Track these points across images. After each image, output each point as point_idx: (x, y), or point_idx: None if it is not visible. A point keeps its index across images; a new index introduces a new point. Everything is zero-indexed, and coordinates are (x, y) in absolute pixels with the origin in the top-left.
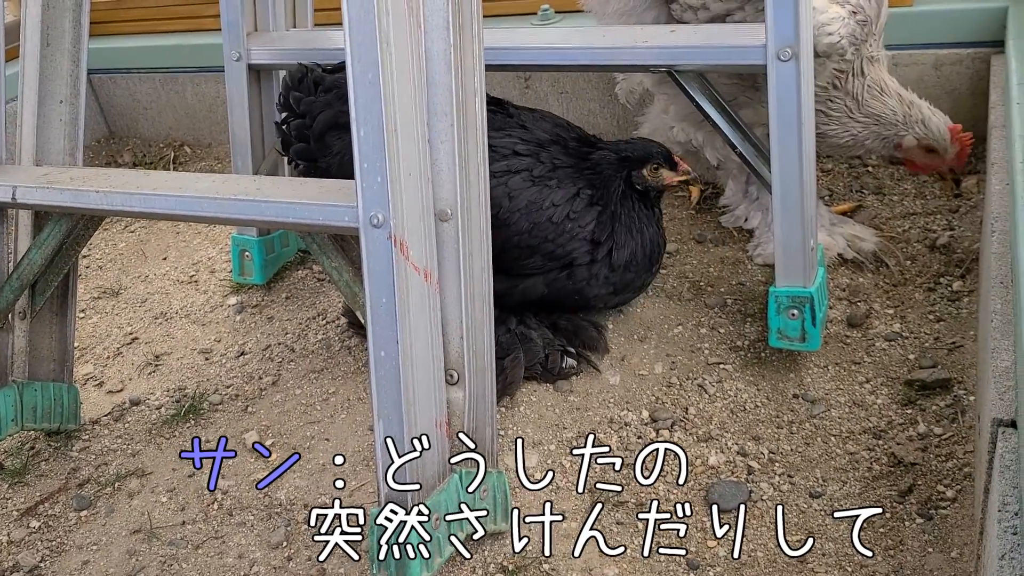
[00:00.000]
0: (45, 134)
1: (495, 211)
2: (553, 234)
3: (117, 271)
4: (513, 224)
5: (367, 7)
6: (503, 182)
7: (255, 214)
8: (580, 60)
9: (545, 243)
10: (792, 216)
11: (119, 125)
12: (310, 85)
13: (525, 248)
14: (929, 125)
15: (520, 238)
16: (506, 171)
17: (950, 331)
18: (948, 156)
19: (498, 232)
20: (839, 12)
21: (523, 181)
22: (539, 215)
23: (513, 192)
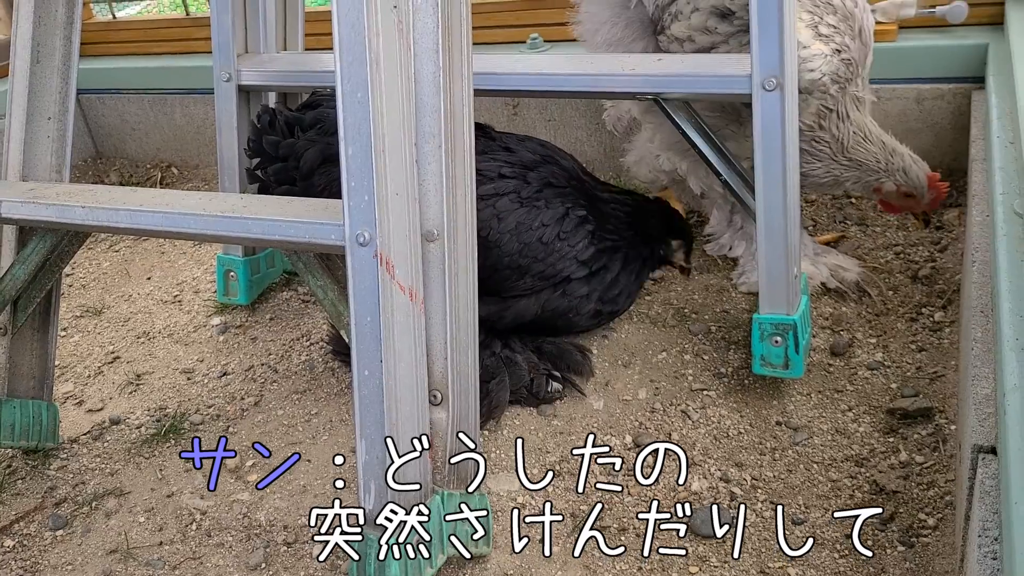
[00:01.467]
0: (32, 150)
1: (484, 233)
2: (543, 254)
3: (100, 290)
4: (503, 245)
5: (358, 28)
6: (491, 204)
7: (241, 231)
8: (567, 86)
9: (535, 263)
10: (776, 244)
11: (107, 145)
12: (283, 127)
13: (516, 269)
14: (909, 174)
15: (510, 259)
16: (494, 193)
17: (932, 361)
18: (924, 201)
19: (487, 253)
20: (822, 49)
21: (511, 202)
22: (529, 235)
23: (501, 213)
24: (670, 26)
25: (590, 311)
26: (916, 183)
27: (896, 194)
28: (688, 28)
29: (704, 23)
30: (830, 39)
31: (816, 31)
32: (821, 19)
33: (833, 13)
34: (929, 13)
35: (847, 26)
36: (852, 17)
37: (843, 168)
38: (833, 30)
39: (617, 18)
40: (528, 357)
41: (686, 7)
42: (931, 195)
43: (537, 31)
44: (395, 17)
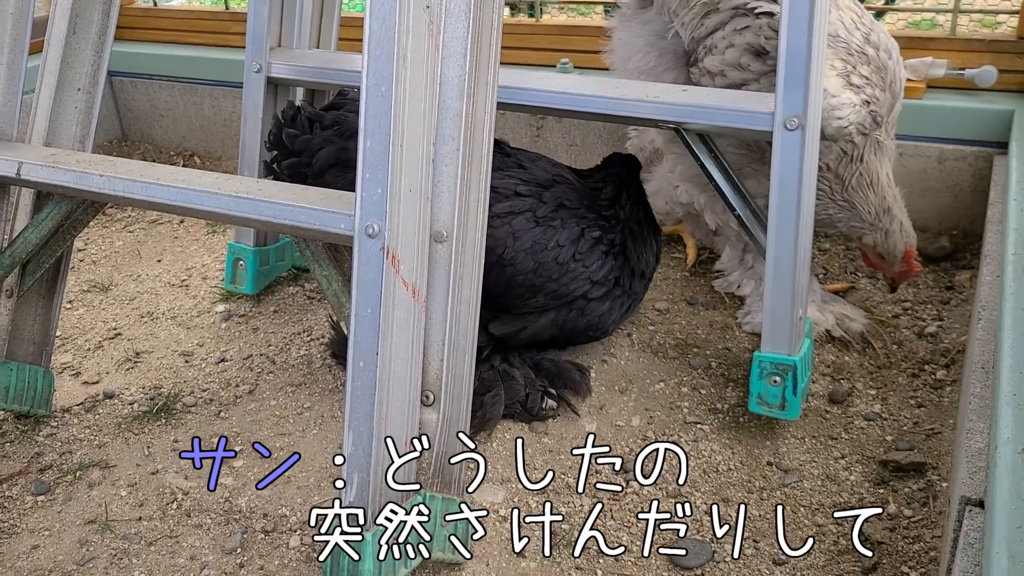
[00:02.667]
0: (58, 119)
1: (500, 251)
2: (557, 274)
3: (110, 268)
4: (518, 264)
5: (389, 24)
6: (507, 222)
7: (253, 213)
8: (591, 107)
9: (549, 282)
10: (783, 283)
11: (133, 129)
12: (304, 123)
13: (529, 287)
14: (889, 239)
15: (524, 277)
16: (509, 211)
17: (930, 417)
18: (894, 268)
19: (502, 271)
20: (852, 99)
21: (527, 221)
22: (544, 255)
23: (517, 232)
24: (703, 59)
25: (615, 322)
26: (891, 250)
27: (872, 250)
28: (721, 63)
29: (738, 59)
30: (861, 90)
31: (848, 80)
32: (854, 69)
33: (867, 64)
34: (958, 75)
35: (879, 78)
36: (885, 69)
37: (838, 208)
38: (864, 81)
39: (650, 47)
40: (526, 373)
41: (721, 42)
42: (901, 267)
43: (568, 56)
44: (427, 17)
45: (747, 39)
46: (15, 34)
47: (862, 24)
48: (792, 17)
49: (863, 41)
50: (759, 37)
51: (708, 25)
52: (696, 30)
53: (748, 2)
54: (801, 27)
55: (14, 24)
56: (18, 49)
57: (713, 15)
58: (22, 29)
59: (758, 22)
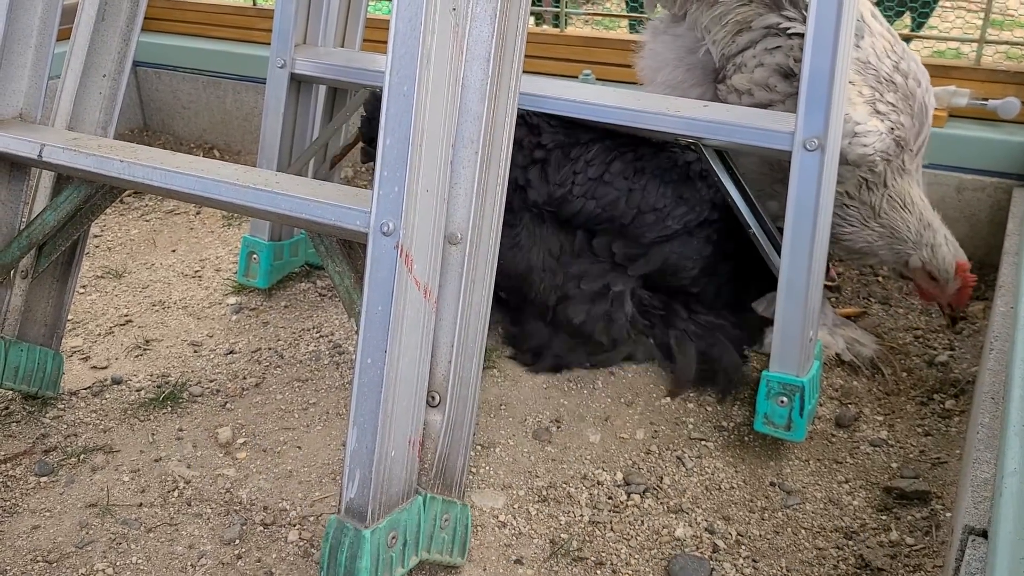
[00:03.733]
0: (82, 103)
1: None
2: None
3: (125, 255)
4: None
5: (414, 24)
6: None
7: (270, 205)
8: (611, 118)
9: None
10: (795, 304)
11: (155, 120)
12: None
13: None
14: (937, 253)
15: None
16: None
17: (936, 446)
18: (948, 289)
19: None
20: (877, 126)
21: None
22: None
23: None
24: (732, 76)
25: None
26: (941, 265)
27: (922, 273)
28: (749, 81)
29: (766, 79)
30: (886, 116)
31: (874, 107)
32: (881, 96)
33: (894, 91)
34: (981, 105)
35: (906, 104)
36: (912, 96)
37: (876, 234)
38: (891, 108)
39: (680, 61)
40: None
41: (751, 60)
42: (956, 283)
43: (590, 68)
44: (452, 20)
45: (777, 59)
46: (44, 18)
47: (893, 52)
48: (816, 39)
49: (892, 69)
50: (789, 58)
51: (739, 43)
52: (727, 47)
53: (781, 22)
54: (826, 49)
55: (44, 8)
56: (47, 33)
57: (745, 33)
58: (51, 13)
59: (790, 43)
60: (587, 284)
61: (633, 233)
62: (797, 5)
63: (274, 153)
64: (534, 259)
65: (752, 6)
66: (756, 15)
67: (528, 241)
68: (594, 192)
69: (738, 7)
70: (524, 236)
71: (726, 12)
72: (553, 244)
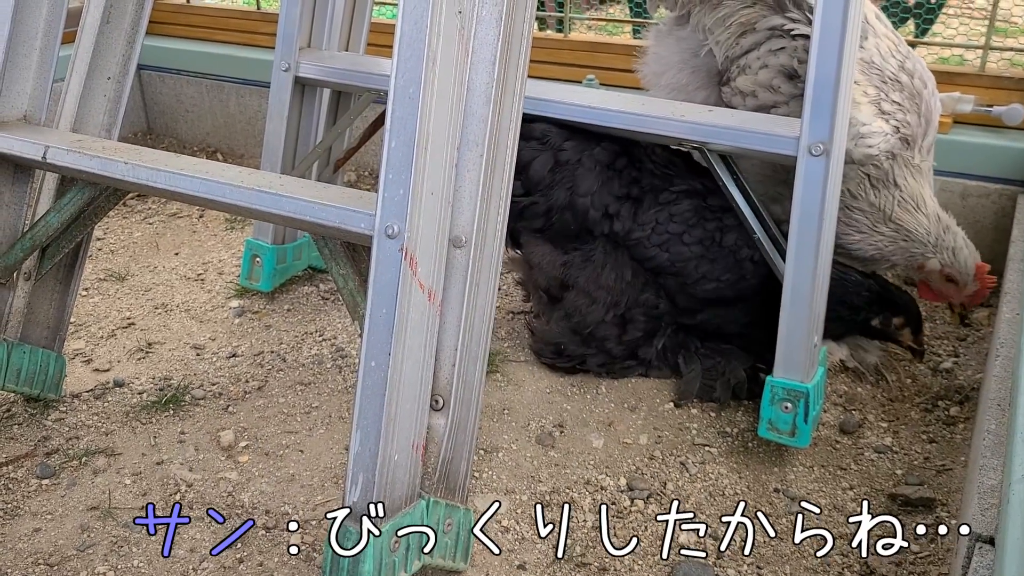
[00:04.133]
0: (87, 106)
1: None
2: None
3: (128, 258)
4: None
5: (420, 26)
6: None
7: (274, 207)
8: (616, 123)
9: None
10: (800, 309)
11: (159, 123)
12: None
13: None
14: (958, 256)
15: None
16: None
17: (941, 453)
18: (967, 291)
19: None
20: (883, 127)
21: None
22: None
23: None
24: (736, 78)
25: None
26: (963, 267)
27: (938, 276)
28: (753, 83)
29: (770, 80)
30: (891, 116)
31: (879, 107)
32: (886, 96)
33: (900, 90)
34: (985, 111)
35: (912, 104)
36: (919, 96)
37: (887, 239)
38: (896, 107)
39: (684, 64)
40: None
41: (755, 62)
42: (975, 286)
43: (594, 73)
44: (458, 23)
45: (781, 60)
46: (49, 20)
47: (898, 52)
48: (822, 44)
49: (898, 68)
50: (793, 59)
51: (743, 45)
52: (731, 49)
53: (785, 23)
54: (831, 54)
55: (49, 10)
56: (51, 35)
57: (749, 35)
58: (56, 15)
59: (794, 44)
60: (650, 313)
61: (691, 290)
62: (801, 6)
63: (278, 156)
64: (604, 277)
65: (756, 8)
66: (760, 17)
67: (603, 259)
68: (669, 246)
69: (742, 9)
70: (599, 254)
71: (730, 14)
72: (627, 271)
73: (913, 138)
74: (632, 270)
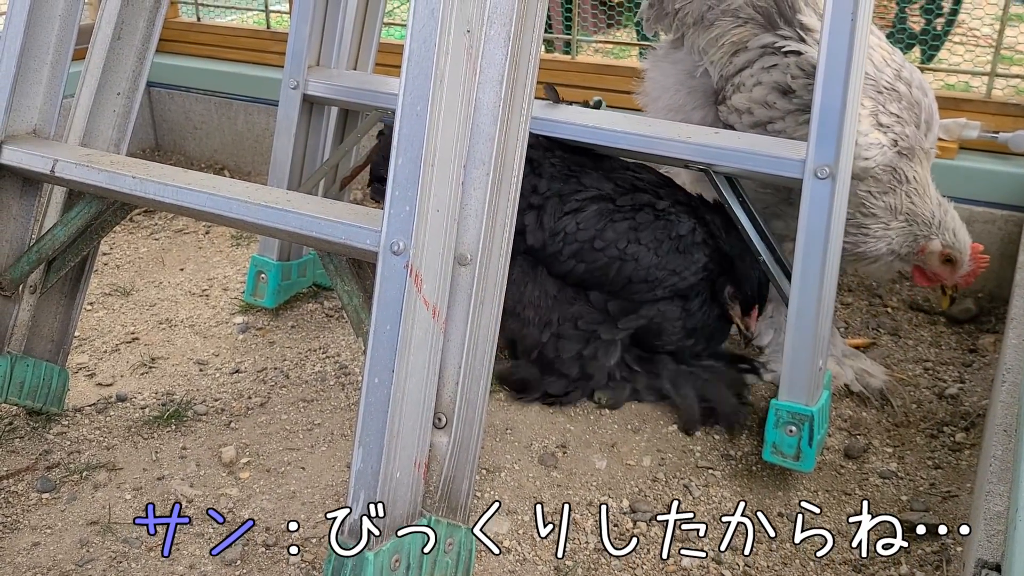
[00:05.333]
0: (96, 121)
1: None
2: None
3: (133, 273)
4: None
5: (429, 44)
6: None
7: (280, 223)
8: (621, 144)
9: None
10: (805, 332)
11: (167, 140)
12: None
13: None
14: (959, 235)
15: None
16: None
17: (947, 479)
18: (961, 272)
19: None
20: (880, 139)
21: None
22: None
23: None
24: (731, 96)
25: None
26: (962, 247)
27: (937, 257)
28: (748, 100)
29: (764, 97)
30: (889, 128)
31: (876, 120)
32: (883, 107)
33: (897, 101)
34: (991, 137)
35: (910, 114)
36: (918, 105)
37: (897, 231)
38: (894, 119)
39: (681, 85)
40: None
41: (749, 79)
42: (969, 266)
43: (601, 95)
44: (466, 41)
45: (774, 77)
46: (61, 35)
47: (893, 60)
48: (828, 68)
49: (894, 77)
50: (786, 76)
51: (736, 63)
52: (725, 68)
53: (776, 41)
54: (837, 78)
55: (61, 26)
56: (63, 50)
57: (742, 53)
58: (68, 31)
59: (785, 60)
60: (583, 326)
61: (622, 295)
62: (792, 23)
63: (285, 173)
64: (528, 295)
65: (747, 27)
66: (752, 35)
67: (522, 277)
68: (584, 256)
69: (734, 28)
70: (517, 272)
71: (722, 34)
72: (550, 285)
73: (911, 150)
74: (555, 284)
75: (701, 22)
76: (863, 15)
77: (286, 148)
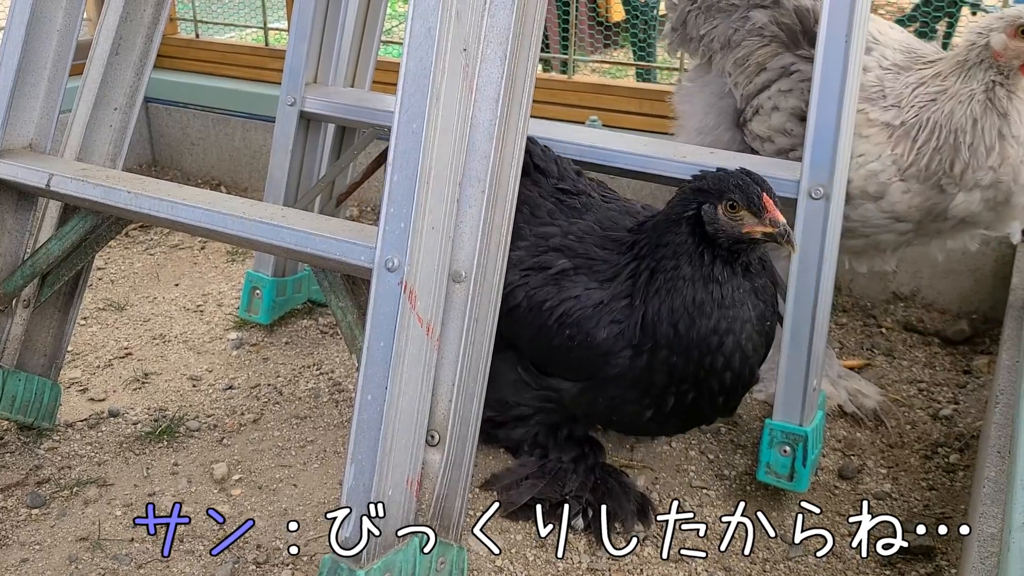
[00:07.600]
0: (93, 136)
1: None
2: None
3: (128, 288)
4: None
5: (425, 63)
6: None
7: (275, 239)
8: (619, 163)
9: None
10: (799, 352)
11: (164, 155)
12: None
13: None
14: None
15: None
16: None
17: (941, 501)
18: None
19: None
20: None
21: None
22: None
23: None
24: (751, 120)
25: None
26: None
27: (1013, 35)
28: (768, 128)
29: (783, 124)
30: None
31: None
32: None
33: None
34: None
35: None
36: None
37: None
38: None
39: (710, 107)
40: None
41: (767, 102)
42: None
43: (597, 115)
44: (463, 60)
45: (791, 103)
46: (59, 50)
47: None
48: (823, 90)
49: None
50: (802, 102)
51: (757, 83)
52: (746, 88)
53: (795, 62)
54: (831, 100)
55: (59, 40)
56: (60, 65)
57: (763, 73)
58: (66, 46)
59: (801, 85)
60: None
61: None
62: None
63: (281, 189)
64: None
65: (771, 46)
66: (774, 54)
67: None
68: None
69: (759, 49)
70: None
71: (748, 54)
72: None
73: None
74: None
75: (728, 45)
76: (857, 37)
77: (283, 164)
